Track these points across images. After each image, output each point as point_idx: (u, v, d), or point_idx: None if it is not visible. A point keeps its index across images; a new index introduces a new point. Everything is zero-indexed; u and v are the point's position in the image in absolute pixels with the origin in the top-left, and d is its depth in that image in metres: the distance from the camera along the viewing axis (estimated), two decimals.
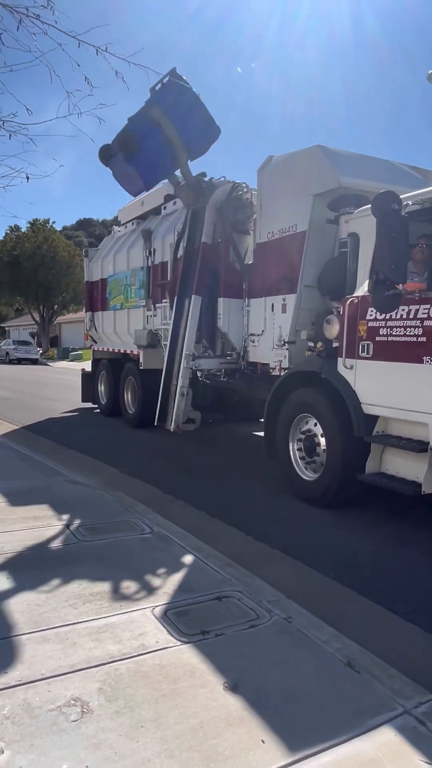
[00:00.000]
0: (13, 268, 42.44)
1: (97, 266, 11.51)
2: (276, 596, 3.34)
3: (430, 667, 2.79)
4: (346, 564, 4.20)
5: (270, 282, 6.68)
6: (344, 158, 6.14)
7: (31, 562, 3.70)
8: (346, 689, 2.46)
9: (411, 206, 4.56)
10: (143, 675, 2.48)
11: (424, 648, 3.05)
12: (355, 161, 6.19)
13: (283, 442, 5.96)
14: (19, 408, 12.44)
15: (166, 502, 5.61)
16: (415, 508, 5.37)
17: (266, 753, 2.04)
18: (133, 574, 3.57)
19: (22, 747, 2.02)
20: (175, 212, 8.71)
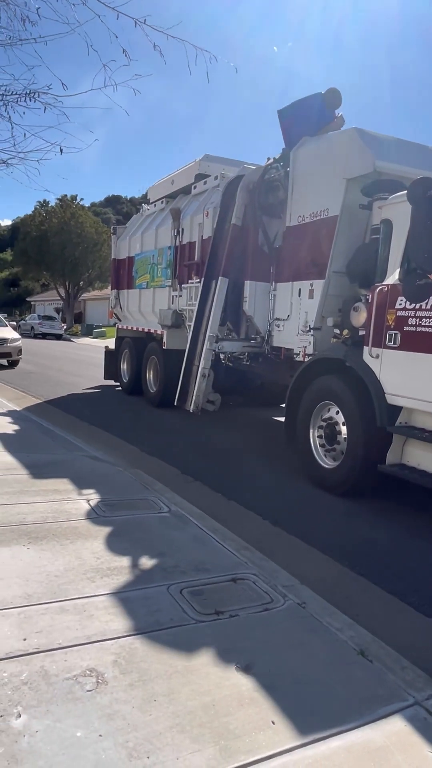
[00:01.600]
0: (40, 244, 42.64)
1: (124, 244, 11.50)
2: (291, 581, 3.36)
3: None
4: (362, 553, 4.20)
5: (298, 266, 6.60)
6: (381, 142, 5.99)
7: (51, 535, 3.77)
8: (357, 677, 2.47)
9: None
10: (157, 650, 2.53)
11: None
12: (393, 146, 6.04)
13: (303, 428, 5.94)
14: (42, 382, 12.59)
15: (184, 482, 5.66)
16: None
17: (276, 734, 2.07)
18: (151, 551, 3.61)
19: (38, 712, 2.08)
20: (205, 192, 8.63)
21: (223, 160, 8.97)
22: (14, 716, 2.04)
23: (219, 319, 7.33)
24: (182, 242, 8.95)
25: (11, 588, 2.99)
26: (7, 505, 4.27)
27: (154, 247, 10.07)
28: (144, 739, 1.98)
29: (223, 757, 1.93)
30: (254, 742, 2.01)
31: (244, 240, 7.32)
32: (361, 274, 5.70)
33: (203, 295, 7.58)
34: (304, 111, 6.73)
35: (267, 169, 7.18)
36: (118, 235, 12.02)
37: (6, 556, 3.36)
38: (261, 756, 1.95)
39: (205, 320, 7.40)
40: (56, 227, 42.60)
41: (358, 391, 5.24)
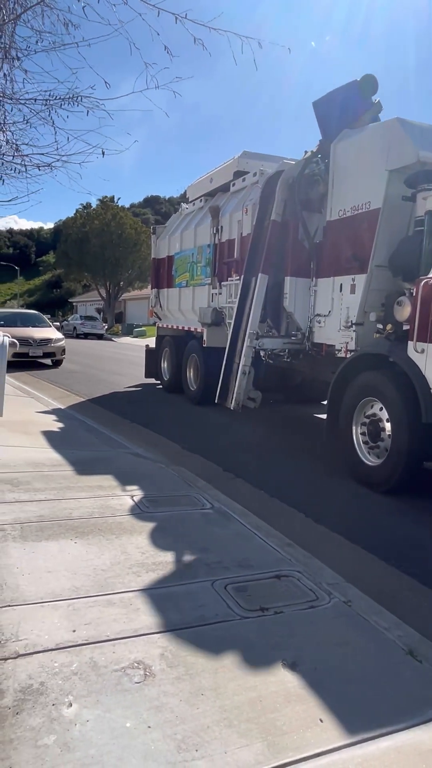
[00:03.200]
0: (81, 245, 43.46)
1: (164, 243, 11.60)
2: (336, 579, 3.32)
3: None
4: (408, 552, 4.11)
5: (339, 261, 6.51)
6: (424, 132, 5.83)
7: (96, 529, 3.84)
8: (406, 677, 2.42)
9: None
10: (203, 645, 2.54)
11: None
12: None
13: (346, 425, 5.86)
14: (85, 381, 12.84)
15: (226, 479, 5.67)
16: None
17: (324, 732, 2.05)
18: (194, 547, 3.64)
19: (89, 702, 2.12)
20: (244, 189, 8.61)
21: (261, 156, 8.93)
22: (66, 705, 2.09)
23: (259, 316, 7.30)
24: (221, 240, 8.95)
25: (60, 581, 3.06)
26: (54, 500, 4.37)
27: (193, 246, 10.11)
28: (192, 732, 2.00)
29: (271, 753, 1.93)
30: (302, 740, 2.00)
31: (284, 236, 7.27)
32: (404, 268, 5.57)
33: (243, 293, 7.56)
34: (340, 100, 6.63)
35: (306, 163, 7.11)
36: (157, 234, 12.13)
37: (54, 550, 3.45)
38: (309, 753, 1.94)
39: (245, 317, 7.39)
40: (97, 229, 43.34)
41: (402, 387, 5.13)
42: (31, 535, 3.66)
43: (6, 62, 4.81)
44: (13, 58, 4.82)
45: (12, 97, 5.14)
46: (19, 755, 1.84)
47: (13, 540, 3.56)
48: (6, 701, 2.09)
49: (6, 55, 4.81)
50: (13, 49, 4.84)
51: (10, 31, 4.81)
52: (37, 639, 2.50)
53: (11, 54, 4.83)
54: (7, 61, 4.81)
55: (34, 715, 2.03)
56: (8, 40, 4.80)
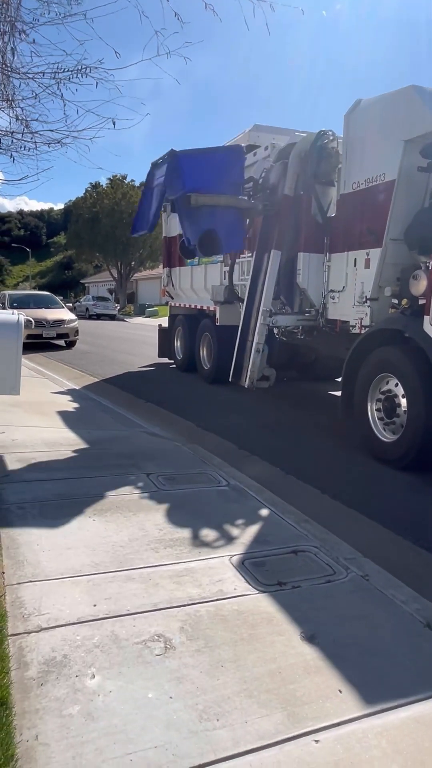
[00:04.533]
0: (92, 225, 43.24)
1: (175, 221, 11.46)
2: (353, 554, 3.33)
3: None
4: (425, 527, 4.11)
5: (353, 236, 6.39)
6: None
7: (114, 507, 3.88)
8: (424, 650, 2.44)
9: None
10: (222, 619, 2.57)
11: None
12: None
13: (361, 402, 5.83)
14: (99, 362, 12.88)
15: (241, 457, 5.68)
16: None
17: (343, 703, 2.08)
18: (211, 523, 3.66)
19: (111, 674, 2.16)
20: (256, 163, 8.44)
21: (273, 130, 8.74)
22: (89, 677, 2.14)
23: (272, 293, 7.23)
24: None
25: (79, 557, 3.11)
26: (71, 479, 4.42)
27: None
28: (213, 703, 2.03)
29: (291, 722, 1.96)
30: (321, 710, 2.03)
31: (296, 211, 7.15)
32: (420, 241, 5.46)
33: (255, 269, 7.48)
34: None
35: (319, 135, 6.96)
36: (168, 212, 12.00)
37: (74, 527, 3.50)
38: (329, 723, 1.97)
39: (258, 295, 7.32)
40: (107, 208, 43.05)
41: (418, 363, 5.07)
42: (51, 512, 3.72)
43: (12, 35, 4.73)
44: (20, 31, 4.73)
45: (20, 71, 5.06)
46: (45, 724, 1.89)
47: (33, 518, 3.62)
48: (30, 673, 2.14)
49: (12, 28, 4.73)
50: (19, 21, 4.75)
51: (16, 3, 4.72)
52: (59, 613, 2.55)
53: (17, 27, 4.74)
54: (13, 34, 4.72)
55: (58, 686, 2.08)
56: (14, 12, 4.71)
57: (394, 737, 1.91)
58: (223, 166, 6.04)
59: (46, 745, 1.81)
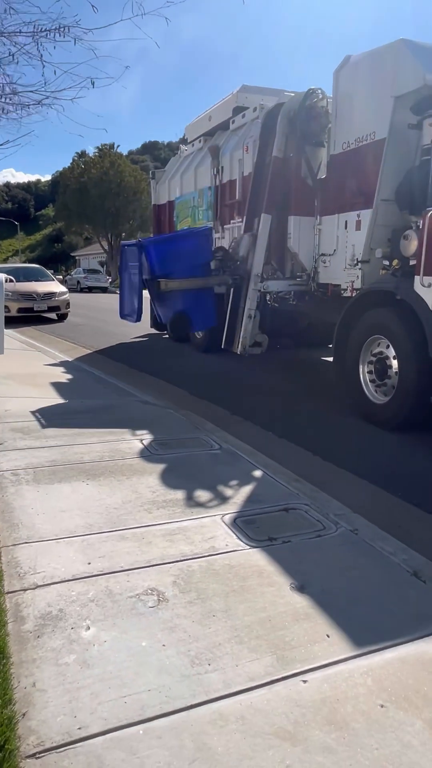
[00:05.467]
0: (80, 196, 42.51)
1: (164, 188, 11.31)
2: (343, 510, 3.39)
3: None
4: (415, 485, 4.17)
5: (344, 197, 6.32)
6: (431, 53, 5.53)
7: (108, 471, 3.92)
8: (411, 596, 2.51)
9: None
10: (214, 572, 2.63)
11: None
12: None
13: (353, 364, 5.85)
14: (91, 334, 12.82)
15: (234, 422, 5.72)
16: None
17: (331, 646, 2.14)
18: (204, 485, 3.71)
19: (105, 625, 2.22)
20: (244, 125, 8.30)
21: (261, 90, 8.55)
22: (84, 628, 2.20)
23: (263, 258, 7.17)
24: (222, 181, 8.71)
25: (73, 519, 3.16)
26: (65, 446, 4.45)
27: (194, 189, 9.85)
28: (204, 649, 2.09)
29: (280, 665, 2.02)
30: (310, 653, 2.10)
31: (286, 173, 7.05)
32: (411, 200, 5.42)
33: (247, 232, 7.41)
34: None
35: (308, 94, 6.81)
36: (157, 179, 11.81)
37: (67, 491, 3.54)
38: (316, 665, 2.03)
39: (249, 258, 7.26)
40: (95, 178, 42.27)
41: (409, 324, 5.08)
42: (44, 478, 3.75)
43: None
44: None
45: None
46: (42, 672, 1.95)
47: (27, 483, 3.66)
48: (27, 626, 2.20)
49: None
50: None
51: None
52: (54, 571, 2.60)
53: None
54: None
55: (54, 638, 2.14)
56: None
57: (380, 676, 1.98)
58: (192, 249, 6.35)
59: (43, 691, 1.87)
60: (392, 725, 1.77)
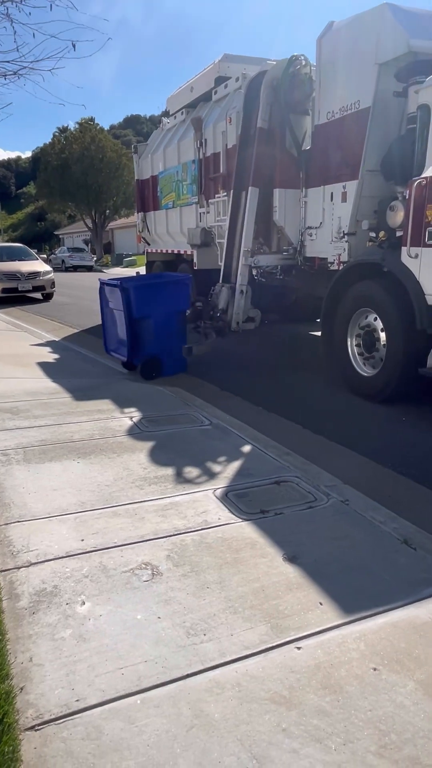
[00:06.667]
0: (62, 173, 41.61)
1: (146, 162, 11.09)
2: (333, 481, 3.43)
3: None
4: (404, 455, 4.22)
5: (329, 169, 6.23)
6: (416, 18, 5.41)
7: (98, 449, 3.92)
8: (401, 563, 2.55)
9: None
10: (207, 546, 2.65)
11: None
12: (430, 20, 5.46)
13: (341, 337, 5.85)
14: (78, 313, 12.68)
15: (224, 398, 5.72)
16: None
17: (324, 613, 2.18)
18: (195, 460, 3.72)
19: (100, 600, 2.24)
20: (227, 96, 8.12)
21: (243, 59, 8.35)
22: (79, 604, 2.21)
23: (252, 233, 7.09)
24: (206, 154, 8.54)
25: (65, 497, 3.16)
26: (54, 425, 4.43)
27: (177, 163, 9.67)
28: (199, 620, 2.12)
29: (274, 633, 2.06)
30: (303, 621, 2.13)
31: (271, 144, 6.93)
32: (397, 171, 5.34)
33: (234, 209, 7.30)
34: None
35: (291, 61, 6.66)
36: (139, 153, 11.57)
37: (58, 470, 3.53)
38: (310, 632, 2.07)
39: (237, 235, 7.18)
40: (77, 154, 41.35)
41: (396, 295, 5.07)
42: (35, 458, 3.74)
43: None
44: None
45: None
46: (38, 647, 1.96)
47: (17, 463, 3.64)
48: (22, 603, 2.21)
49: None
50: None
51: None
52: (47, 549, 2.61)
53: None
54: None
55: (50, 614, 2.15)
56: None
57: (372, 641, 2.02)
58: (172, 296, 6.46)
59: (40, 665, 1.88)
60: (385, 687, 1.81)
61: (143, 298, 6.27)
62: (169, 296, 6.43)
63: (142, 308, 6.24)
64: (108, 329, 6.98)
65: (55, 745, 1.58)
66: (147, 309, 6.27)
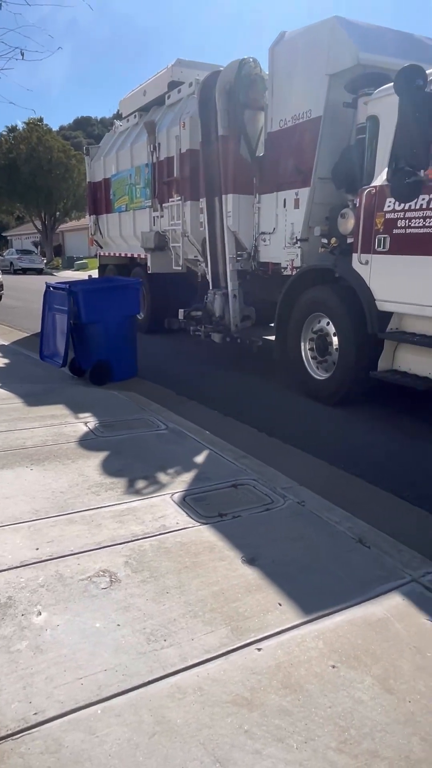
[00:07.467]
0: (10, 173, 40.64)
1: (99, 165, 10.98)
2: (290, 483, 3.47)
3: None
4: (358, 456, 4.33)
5: (282, 175, 6.34)
6: (365, 31, 5.61)
7: (52, 456, 3.83)
8: (357, 562, 2.61)
9: None
10: (166, 550, 2.64)
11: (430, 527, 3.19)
12: (377, 35, 5.66)
13: (294, 342, 5.95)
14: (28, 316, 12.37)
15: (179, 403, 5.70)
16: (426, 404, 5.44)
17: (283, 614, 2.20)
18: (152, 465, 3.70)
19: (57, 609, 2.19)
20: (180, 101, 8.15)
21: (197, 65, 8.42)
22: (35, 614, 2.15)
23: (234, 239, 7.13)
24: (160, 158, 8.54)
25: (18, 505, 3.07)
26: (5, 431, 4.30)
27: (130, 166, 9.63)
28: (160, 625, 2.10)
29: (235, 635, 2.06)
30: (263, 622, 2.14)
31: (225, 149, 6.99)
32: (347, 179, 5.50)
33: (210, 215, 7.34)
34: None
35: (242, 64, 6.72)
36: (91, 156, 11.45)
37: (10, 477, 3.43)
38: (270, 632, 2.08)
39: (219, 241, 7.25)
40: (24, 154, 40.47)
41: (348, 300, 5.20)
42: None
43: None
44: None
45: None
46: None
47: None
48: None
49: None
50: None
51: None
52: (0, 559, 2.52)
53: None
54: None
55: (4, 626, 2.08)
56: None
57: (330, 639, 2.06)
58: (121, 300, 6.39)
59: None
60: (344, 684, 1.85)
61: (92, 302, 6.18)
62: (119, 301, 6.37)
63: (91, 313, 6.14)
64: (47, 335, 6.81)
65: (13, 761, 1.53)
66: (96, 313, 6.18)
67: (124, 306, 6.40)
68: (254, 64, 6.77)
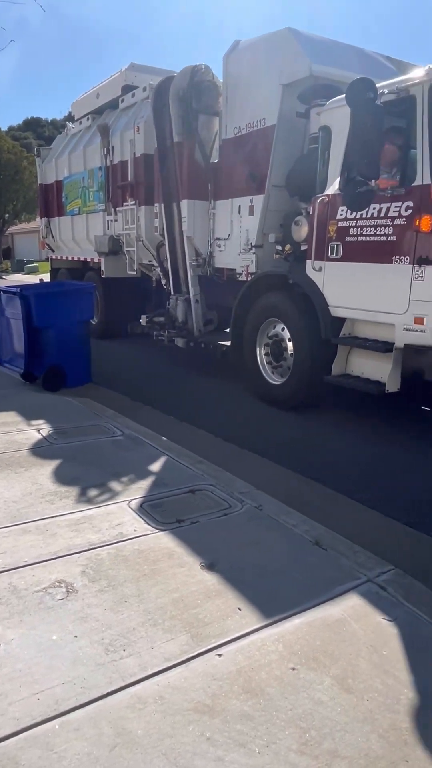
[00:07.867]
0: None
1: (50, 167, 10.79)
2: (247, 488, 3.49)
3: (390, 544, 3.01)
4: (313, 460, 4.39)
5: (236, 182, 6.40)
6: (317, 44, 5.74)
7: (3, 464, 3.72)
8: (314, 564, 2.64)
9: (386, 95, 4.35)
10: (123, 558, 2.60)
11: (384, 528, 3.27)
12: (329, 47, 5.80)
13: (250, 347, 6.00)
14: None
15: (135, 408, 5.65)
16: (378, 408, 5.59)
17: (243, 618, 2.20)
18: (107, 472, 3.64)
19: (11, 623, 2.11)
20: (134, 105, 8.12)
21: (151, 70, 8.41)
22: None
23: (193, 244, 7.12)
24: (113, 162, 8.47)
25: None
26: None
27: (83, 169, 9.51)
28: (118, 635, 2.06)
29: (195, 642, 2.05)
30: (223, 627, 2.14)
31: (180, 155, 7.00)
32: (301, 187, 5.61)
33: (168, 221, 7.31)
34: None
35: (194, 71, 6.76)
36: (42, 157, 11.25)
37: None
38: (230, 638, 2.08)
39: (178, 247, 7.22)
40: None
41: (302, 306, 5.29)
42: None
43: None
44: None
45: None
46: None
47: None
48: None
49: None
50: None
51: None
52: None
53: None
54: None
55: None
56: None
57: (289, 641, 2.07)
58: (74, 304, 6.32)
59: None
60: (304, 685, 1.86)
61: (45, 306, 6.06)
62: (72, 305, 6.27)
63: (43, 317, 6.02)
64: (2, 340, 6.66)
65: None
66: (49, 318, 6.06)
67: (77, 311, 6.30)
68: (206, 71, 6.82)
